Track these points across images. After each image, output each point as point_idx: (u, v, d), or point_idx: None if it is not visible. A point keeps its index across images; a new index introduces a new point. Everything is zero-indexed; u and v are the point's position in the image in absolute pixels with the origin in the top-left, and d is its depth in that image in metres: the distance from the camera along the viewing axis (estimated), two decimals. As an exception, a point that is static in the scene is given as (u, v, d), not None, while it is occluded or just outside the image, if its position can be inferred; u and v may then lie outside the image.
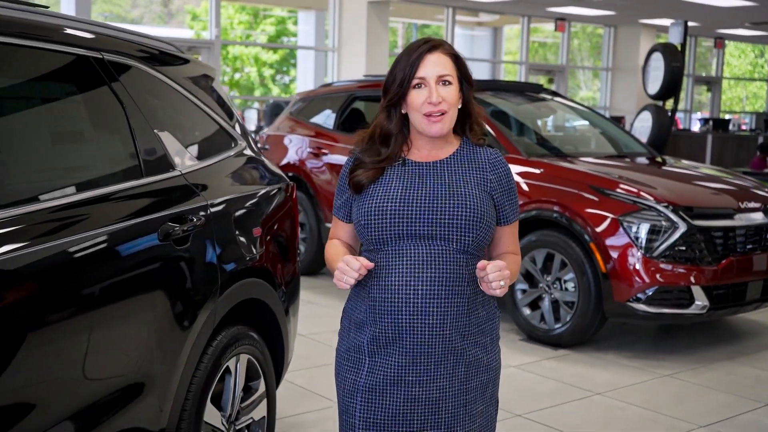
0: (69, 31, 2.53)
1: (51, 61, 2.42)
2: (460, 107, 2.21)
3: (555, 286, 5.36)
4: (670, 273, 5.02)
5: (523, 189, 5.55)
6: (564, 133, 7.44)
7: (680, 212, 5.11)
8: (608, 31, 18.45)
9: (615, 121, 8.04)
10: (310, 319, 5.56)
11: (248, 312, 3.09)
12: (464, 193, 2.13)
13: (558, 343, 5.33)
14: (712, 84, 21.99)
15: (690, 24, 10.61)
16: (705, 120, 17.69)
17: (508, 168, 2.24)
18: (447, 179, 2.16)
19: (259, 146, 5.53)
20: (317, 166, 7.16)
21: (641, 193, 5.20)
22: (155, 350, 2.49)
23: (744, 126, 20.56)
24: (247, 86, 22.24)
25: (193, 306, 2.66)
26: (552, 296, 5.36)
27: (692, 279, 5.03)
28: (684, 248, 5.06)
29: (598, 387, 4.64)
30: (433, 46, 2.16)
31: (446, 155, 2.21)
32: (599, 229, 5.13)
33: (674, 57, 10.01)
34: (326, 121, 7.38)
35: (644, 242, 5.04)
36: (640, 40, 17.74)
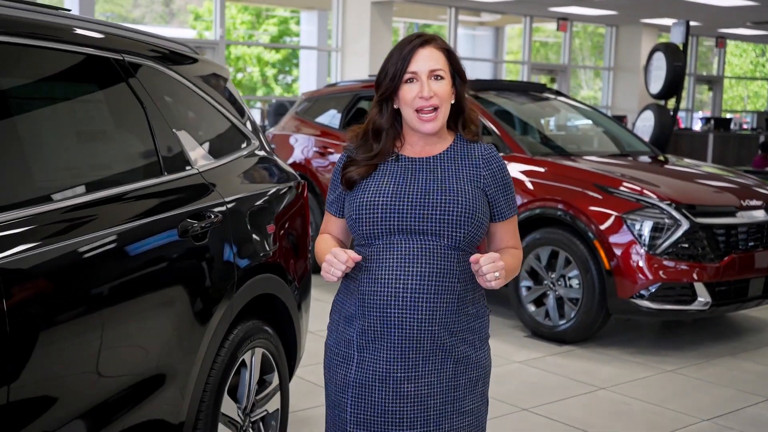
0: (92, 34, 2.60)
1: (76, 63, 2.49)
2: (453, 103, 2.18)
3: (559, 283, 5.42)
4: (673, 270, 5.09)
5: (528, 187, 5.62)
6: (567, 132, 7.49)
7: (683, 210, 5.17)
8: (610, 31, 18.51)
9: (618, 120, 8.09)
10: (319, 317, 5.54)
11: (262, 307, 3.17)
12: (456, 189, 2.11)
13: (562, 340, 5.39)
14: (714, 83, 22.06)
15: (691, 23, 10.65)
16: (706, 119, 17.74)
17: (503, 163, 2.22)
18: (440, 175, 2.14)
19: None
20: (323, 165, 7.23)
21: (644, 191, 5.27)
22: (176, 343, 2.57)
23: (745, 125, 20.59)
24: (250, 86, 22.28)
25: (211, 300, 2.74)
26: (556, 293, 5.43)
27: (695, 276, 5.10)
28: (687, 245, 5.12)
29: (603, 382, 4.71)
30: (425, 41, 2.13)
31: (439, 151, 2.19)
32: (603, 227, 5.20)
33: (676, 57, 10.07)
34: (332, 121, 7.45)
35: (647, 239, 5.10)
36: (642, 40, 17.80)
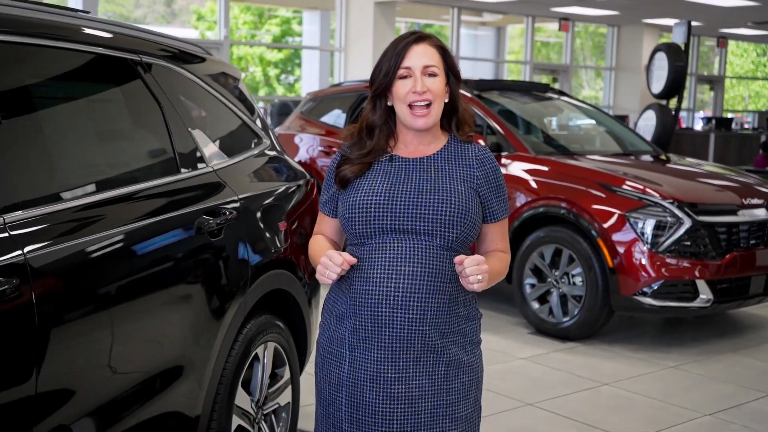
0: (108, 35, 2.66)
1: (96, 64, 2.55)
2: (447, 101, 2.18)
3: (563, 281, 5.49)
4: (676, 267, 5.15)
5: (532, 186, 5.69)
6: (570, 132, 7.55)
7: (685, 208, 5.24)
8: (611, 31, 18.57)
9: (620, 120, 8.15)
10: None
11: (274, 302, 3.24)
12: (449, 189, 2.11)
13: (566, 336, 5.46)
14: (715, 83, 22.12)
15: (693, 24, 10.71)
16: (708, 119, 17.81)
17: (496, 164, 2.21)
18: (433, 175, 2.14)
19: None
20: (328, 165, 7.28)
21: (647, 190, 5.33)
22: (193, 338, 2.63)
23: (746, 125, 20.65)
24: (252, 86, 22.34)
25: (226, 295, 2.81)
26: (560, 290, 5.50)
27: (697, 273, 5.16)
28: (689, 243, 5.19)
29: (606, 378, 4.78)
30: (420, 38, 2.14)
31: (433, 151, 2.19)
32: (606, 225, 5.27)
33: (678, 57, 10.11)
34: (336, 120, 7.52)
35: (650, 237, 5.17)
36: (643, 40, 17.87)
